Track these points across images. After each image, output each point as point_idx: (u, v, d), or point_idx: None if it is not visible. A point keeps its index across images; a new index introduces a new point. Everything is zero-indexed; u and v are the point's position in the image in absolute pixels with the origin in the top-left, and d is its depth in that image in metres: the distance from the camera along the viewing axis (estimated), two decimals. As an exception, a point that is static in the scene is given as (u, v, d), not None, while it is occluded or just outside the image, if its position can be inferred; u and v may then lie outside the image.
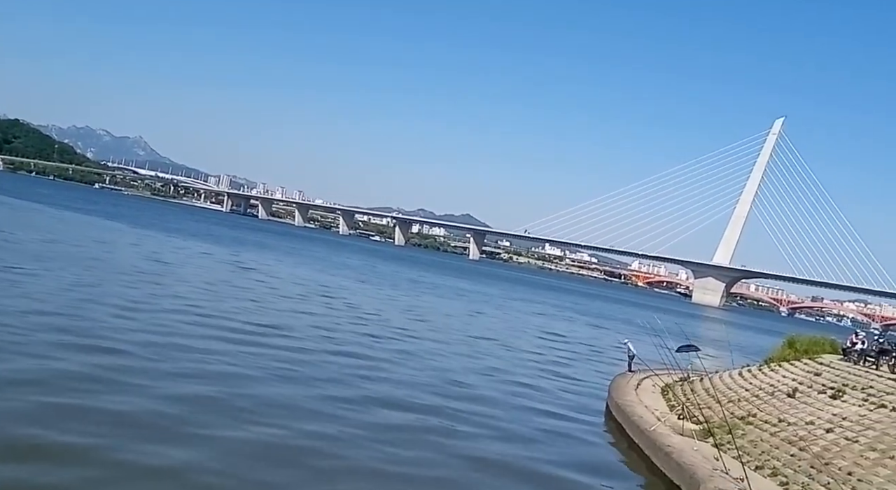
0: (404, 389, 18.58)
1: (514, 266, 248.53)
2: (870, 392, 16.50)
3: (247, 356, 18.94)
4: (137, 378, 14.78)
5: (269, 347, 20.75)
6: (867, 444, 13.99)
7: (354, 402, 16.35)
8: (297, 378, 17.68)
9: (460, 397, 18.89)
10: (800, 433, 15.39)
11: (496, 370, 24.48)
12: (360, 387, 17.96)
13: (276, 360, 19.04)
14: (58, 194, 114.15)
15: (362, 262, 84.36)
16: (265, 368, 17.94)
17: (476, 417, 17.00)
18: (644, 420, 17.34)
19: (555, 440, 16.52)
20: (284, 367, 18.43)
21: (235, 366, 17.67)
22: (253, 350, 19.93)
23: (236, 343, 20.46)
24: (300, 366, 19.06)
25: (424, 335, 30.04)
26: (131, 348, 17.26)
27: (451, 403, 17.93)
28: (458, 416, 16.78)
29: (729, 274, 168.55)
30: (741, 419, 17.34)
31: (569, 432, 17.58)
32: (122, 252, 41.79)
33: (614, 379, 23.23)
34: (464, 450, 14.31)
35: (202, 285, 32.51)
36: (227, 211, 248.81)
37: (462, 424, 16.15)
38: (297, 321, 27.14)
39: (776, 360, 22.83)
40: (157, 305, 24.46)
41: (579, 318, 60.18)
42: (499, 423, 16.97)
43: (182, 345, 18.84)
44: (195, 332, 21.03)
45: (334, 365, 20.15)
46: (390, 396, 17.49)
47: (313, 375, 18.29)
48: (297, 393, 16.15)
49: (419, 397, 17.98)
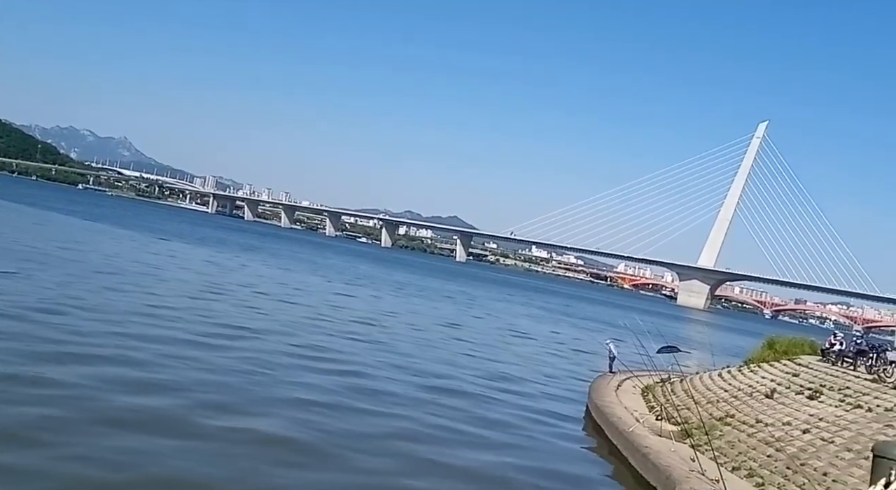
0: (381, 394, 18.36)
1: (501, 268, 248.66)
2: (846, 393, 16.53)
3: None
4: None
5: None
6: (843, 444, 13.97)
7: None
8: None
9: (433, 401, 18.59)
10: (776, 434, 15.36)
11: (472, 370, 24.23)
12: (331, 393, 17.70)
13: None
14: (38, 194, 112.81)
15: (344, 263, 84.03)
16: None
17: (449, 420, 16.80)
18: (623, 421, 17.26)
19: (532, 442, 16.36)
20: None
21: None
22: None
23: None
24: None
25: (398, 335, 29.81)
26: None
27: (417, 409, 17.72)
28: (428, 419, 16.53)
29: (713, 276, 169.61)
30: (719, 420, 17.32)
31: (547, 434, 17.42)
32: (88, 251, 41.15)
33: (594, 380, 23.16)
34: (432, 455, 13.94)
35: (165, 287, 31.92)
36: (212, 212, 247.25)
37: (435, 428, 15.93)
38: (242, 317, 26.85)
39: (756, 361, 22.88)
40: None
41: (563, 320, 60.20)
42: (473, 426, 16.73)
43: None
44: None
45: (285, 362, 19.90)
46: (364, 399, 17.27)
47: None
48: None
49: (390, 397, 17.74)
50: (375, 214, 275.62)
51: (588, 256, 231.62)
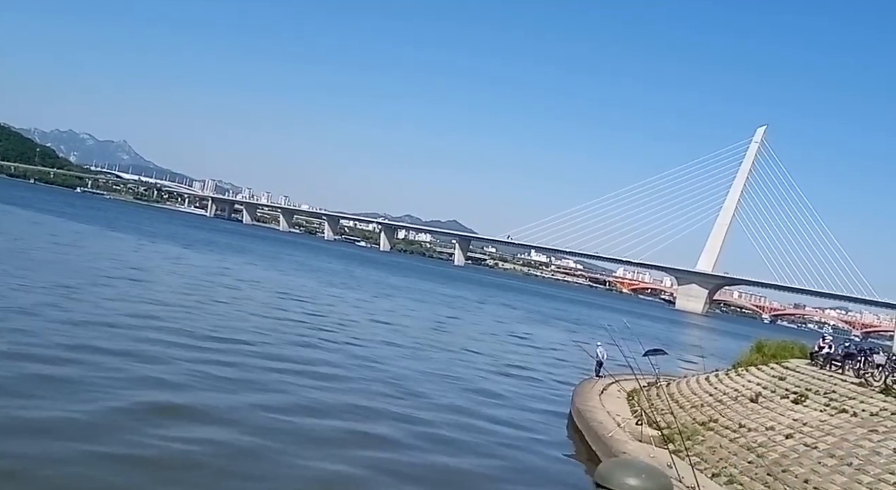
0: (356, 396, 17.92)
1: (500, 272, 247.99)
2: (832, 397, 16.07)
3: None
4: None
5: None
6: (826, 450, 13.52)
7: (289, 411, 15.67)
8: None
9: (419, 406, 18.22)
10: (759, 439, 14.92)
11: (456, 377, 23.76)
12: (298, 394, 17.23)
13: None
14: (32, 197, 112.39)
15: (340, 267, 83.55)
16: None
17: (432, 423, 16.39)
18: (603, 426, 16.81)
19: (512, 447, 15.93)
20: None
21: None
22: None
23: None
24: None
25: (390, 340, 29.37)
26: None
27: (403, 411, 17.29)
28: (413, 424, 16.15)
29: (712, 281, 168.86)
30: (702, 425, 16.86)
31: (529, 439, 16.97)
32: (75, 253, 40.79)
33: (579, 384, 22.67)
34: (412, 458, 13.66)
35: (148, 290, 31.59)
36: (210, 216, 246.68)
37: (415, 432, 15.52)
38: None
39: (744, 364, 22.41)
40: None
41: (558, 323, 59.64)
42: (455, 431, 16.33)
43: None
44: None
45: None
46: (340, 402, 16.84)
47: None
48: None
49: (371, 403, 17.32)
50: (375, 218, 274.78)
51: (587, 261, 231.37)
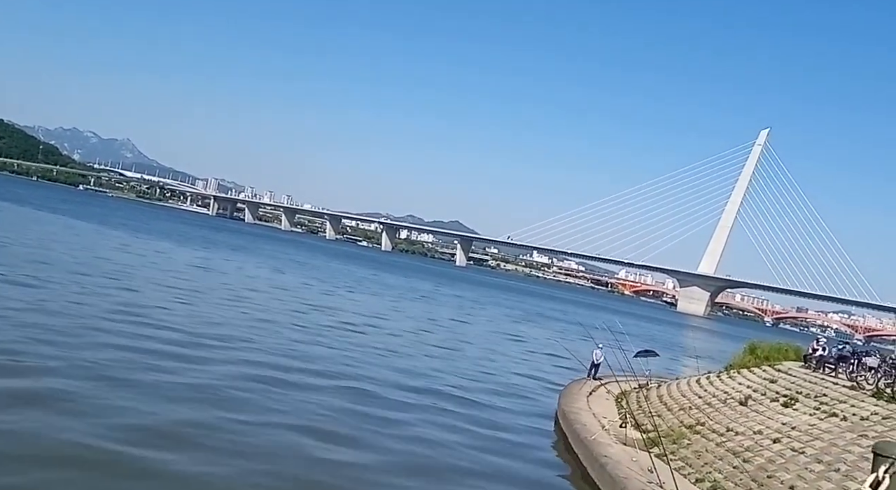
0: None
1: (502, 273, 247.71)
2: (823, 400, 15.59)
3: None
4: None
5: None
6: (813, 455, 13.04)
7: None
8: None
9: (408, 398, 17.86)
10: (746, 443, 14.44)
11: (441, 374, 23.38)
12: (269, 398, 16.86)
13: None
14: (33, 194, 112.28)
15: (334, 266, 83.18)
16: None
17: (411, 424, 16.00)
18: (587, 428, 16.34)
19: (495, 448, 15.53)
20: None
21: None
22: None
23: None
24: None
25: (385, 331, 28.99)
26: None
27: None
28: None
29: (713, 283, 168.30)
30: (689, 428, 16.38)
31: (511, 441, 16.54)
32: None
33: (568, 385, 22.20)
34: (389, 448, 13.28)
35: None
36: (213, 214, 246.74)
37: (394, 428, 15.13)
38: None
39: (736, 366, 21.95)
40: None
41: (555, 324, 59.15)
42: (437, 431, 15.91)
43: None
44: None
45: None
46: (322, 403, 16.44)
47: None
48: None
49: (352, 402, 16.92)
50: (377, 218, 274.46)
51: (589, 262, 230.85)
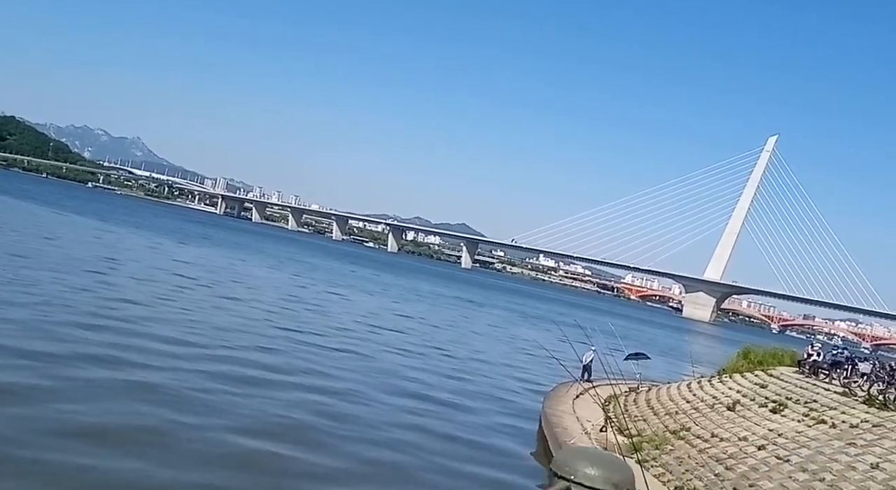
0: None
1: (507, 276, 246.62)
2: (812, 406, 15.00)
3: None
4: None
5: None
6: (798, 463, 12.47)
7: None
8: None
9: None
10: (730, 450, 13.88)
11: (422, 371, 22.92)
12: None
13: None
14: (39, 190, 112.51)
15: (332, 265, 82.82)
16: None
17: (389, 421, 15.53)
18: (567, 432, 15.82)
19: (473, 451, 15.07)
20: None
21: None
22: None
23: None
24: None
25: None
26: None
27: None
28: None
29: (720, 289, 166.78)
30: (674, 433, 15.82)
31: (492, 444, 16.05)
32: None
33: (554, 388, 21.62)
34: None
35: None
36: (220, 213, 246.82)
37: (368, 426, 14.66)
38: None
39: (729, 371, 21.36)
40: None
41: (554, 326, 58.44)
42: (409, 434, 15.43)
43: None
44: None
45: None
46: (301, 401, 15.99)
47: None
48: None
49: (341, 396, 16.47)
50: (384, 219, 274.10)
51: (595, 266, 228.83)
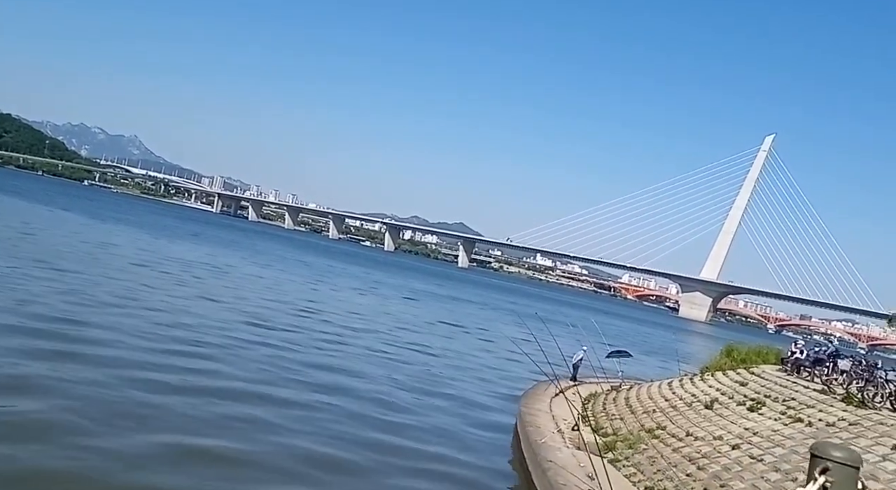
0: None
1: (504, 275, 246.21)
2: (790, 404, 14.57)
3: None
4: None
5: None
6: (772, 463, 12.03)
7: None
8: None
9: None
10: (704, 449, 13.43)
11: (408, 378, 22.50)
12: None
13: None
14: (31, 187, 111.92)
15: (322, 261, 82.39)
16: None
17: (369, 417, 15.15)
18: (539, 431, 15.37)
19: (448, 448, 14.72)
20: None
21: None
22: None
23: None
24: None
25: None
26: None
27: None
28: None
29: (716, 289, 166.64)
30: (649, 432, 15.37)
31: (469, 444, 15.69)
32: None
33: (533, 386, 21.17)
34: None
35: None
36: (216, 212, 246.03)
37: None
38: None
39: (712, 369, 20.95)
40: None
41: (540, 324, 58.02)
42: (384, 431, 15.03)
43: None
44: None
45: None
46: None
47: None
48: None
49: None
50: (382, 218, 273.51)
51: (592, 266, 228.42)
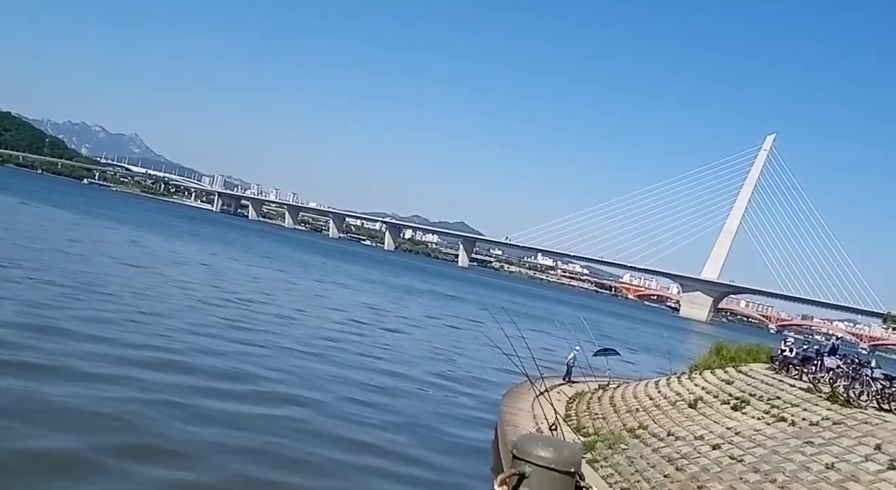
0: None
1: (504, 275, 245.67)
2: (775, 403, 14.15)
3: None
4: None
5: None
6: (752, 463, 11.61)
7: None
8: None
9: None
10: (684, 449, 13.02)
11: (402, 376, 22.11)
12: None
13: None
14: (27, 185, 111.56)
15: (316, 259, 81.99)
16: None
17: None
18: (517, 430, 14.93)
19: (429, 446, 14.41)
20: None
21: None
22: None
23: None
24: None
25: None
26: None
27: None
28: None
29: (717, 288, 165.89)
30: (630, 431, 14.97)
31: (452, 443, 15.33)
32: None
33: (517, 385, 20.70)
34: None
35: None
36: (216, 210, 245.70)
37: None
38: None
39: (700, 367, 20.50)
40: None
41: (534, 324, 57.64)
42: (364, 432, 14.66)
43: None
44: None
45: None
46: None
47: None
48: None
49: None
50: (382, 217, 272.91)
51: (593, 265, 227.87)
